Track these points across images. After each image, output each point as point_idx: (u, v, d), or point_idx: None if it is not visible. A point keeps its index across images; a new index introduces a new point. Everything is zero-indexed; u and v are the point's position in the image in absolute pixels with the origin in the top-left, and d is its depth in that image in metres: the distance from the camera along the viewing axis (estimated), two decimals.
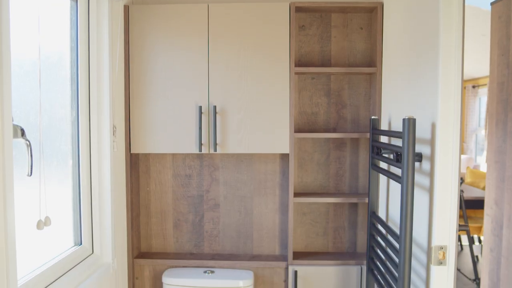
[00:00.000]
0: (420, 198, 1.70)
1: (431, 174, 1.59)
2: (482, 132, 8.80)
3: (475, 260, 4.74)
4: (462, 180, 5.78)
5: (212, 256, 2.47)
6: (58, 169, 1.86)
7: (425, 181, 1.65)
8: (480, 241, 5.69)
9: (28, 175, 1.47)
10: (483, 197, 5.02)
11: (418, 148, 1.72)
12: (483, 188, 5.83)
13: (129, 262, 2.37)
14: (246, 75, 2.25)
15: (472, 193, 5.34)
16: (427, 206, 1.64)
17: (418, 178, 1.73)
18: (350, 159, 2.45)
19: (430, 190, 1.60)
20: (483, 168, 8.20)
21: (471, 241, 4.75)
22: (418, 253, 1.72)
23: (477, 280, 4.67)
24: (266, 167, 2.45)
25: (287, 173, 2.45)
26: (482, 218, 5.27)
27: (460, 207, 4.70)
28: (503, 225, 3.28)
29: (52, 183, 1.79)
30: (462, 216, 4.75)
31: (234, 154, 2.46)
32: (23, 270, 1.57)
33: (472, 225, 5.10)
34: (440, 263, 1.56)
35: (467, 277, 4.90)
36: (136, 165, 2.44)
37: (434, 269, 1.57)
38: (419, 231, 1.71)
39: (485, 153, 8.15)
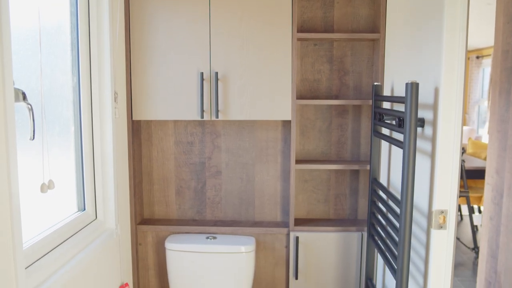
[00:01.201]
0: (421, 163, 1.70)
1: (433, 139, 1.59)
2: (485, 104, 8.76)
3: (474, 230, 4.78)
4: (463, 150, 5.79)
5: (214, 222, 2.49)
6: (60, 135, 1.86)
7: (427, 146, 1.65)
8: (480, 211, 5.74)
9: (30, 139, 1.47)
10: (484, 167, 5.04)
11: (421, 114, 1.71)
12: (484, 159, 5.84)
13: (132, 228, 2.40)
14: (247, 41, 2.23)
15: (473, 163, 5.35)
16: (428, 171, 1.64)
17: (420, 143, 1.73)
18: (352, 126, 2.45)
19: (432, 155, 1.60)
20: (485, 139, 8.20)
21: (470, 209, 4.79)
22: (418, 218, 1.73)
23: (476, 248, 4.72)
24: (268, 134, 2.45)
25: (289, 140, 2.45)
26: (482, 188, 5.30)
27: (461, 177, 4.72)
28: (503, 194, 3.30)
29: (55, 149, 1.80)
30: (462, 185, 4.77)
31: (236, 121, 2.46)
32: (28, 234, 1.59)
33: (472, 195, 5.13)
34: (441, 227, 1.57)
35: (466, 246, 4.96)
36: (138, 132, 2.44)
37: (434, 233, 1.58)
38: (419, 197, 1.72)
39: (487, 124, 8.13)
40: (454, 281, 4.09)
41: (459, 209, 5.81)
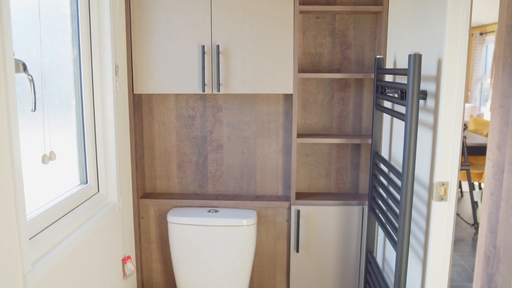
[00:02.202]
0: (423, 136, 1.70)
1: (435, 111, 1.58)
2: (488, 81, 8.71)
3: (474, 206, 4.80)
4: (465, 127, 5.78)
5: (216, 196, 2.50)
6: (62, 107, 1.86)
7: (429, 118, 1.65)
8: (480, 187, 5.76)
9: (32, 110, 1.47)
10: (485, 144, 5.04)
11: (423, 87, 1.71)
12: (486, 135, 5.83)
13: (134, 202, 2.41)
14: (249, 14, 2.21)
15: (474, 139, 5.34)
16: (430, 144, 1.64)
17: (422, 116, 1.72)
18: (354, 100, 2.44)
19: (434, 127, 1.60)
20: (487, 117, 8.18)
21: (471, 185, 4.80)
22: (419, 191, 1.74)
23: (475, 224, 4.75)
24: (269, 108, 2.45)
25: (291, 114, 2.44)
26: (483, 164, 5.30)
27: (462, 153, 4.72)
28: (504, 169, 3.31)
29: (56, 121, 1.80)
30: (464, 161, 4.78)
31: (237, 95, 2.45)
32: (31, 206, 1.60)
33: (473, 171, 5.14)
34: (441, 199, 1.58)
35: (466, 222, 4.99)
36: (139, 106, 2.44)
37: (435, 205, 1.59)
38: (421, 169, 1.72)
39: (489, 102, 8.10)
40: (453, 256, 4.13)
41: (460, 186, 5.83)
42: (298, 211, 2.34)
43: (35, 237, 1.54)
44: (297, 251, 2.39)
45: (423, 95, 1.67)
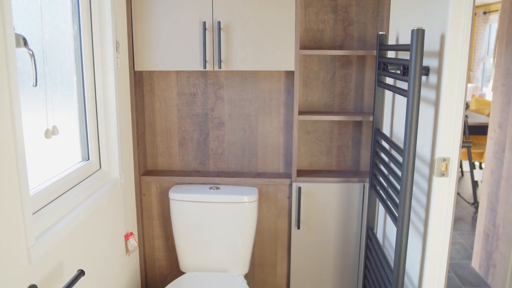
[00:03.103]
0: (425, 112, 1.70)
1: (437, 87, 1.58)
2: (490, 61, 8.66)
3: (474, 185, 4.82)
4: (467, 106, 5.76)
5: (217, 173, 2.51)
6: (63, 84, 1.85)
7: (431, 95, 1.64)
8: (481, 167, 5.76)
9: (33, 85, 1.47)
10: (487, 123, 5.04)
11: (425, 63, 1.70)
12: (488, 115, 5.83)
13: (136, 179, 2.42)
14: None
15: (476, 119, 5.34)
16: (431, 120, 1.64)
17: (424, 92, 1.72)
18: (356, 77, 2.43)
19: (436, 103, 1.59)
20: (489, 97, 8.15)
21: (472, 165, 4.81)
22: (420, 167, 1.74)
23: (475, 203, 4.78)
24: (271, 85, 2.44)
25: (292, 92, 2.44)
26: (484, 144, 5.31)
27: (464, 132, 4.72)
28: (505, 148, 3.31)
29: (57, 98, 1.79)
30: (465, 140, 4.78)
31: (238, 72, 2.44)
32: (34, 181, 1.61)
33: (474, 151, 5.14)
34: (443, 174, 1.59)
35: (466, 201, 5.01)
36: (140, 83, 2.43)
37: (436, 180, 1.60)
38: (422, 145, 1.72)
39: (491, 82, 8.06)
40: (453, 234, 4.16)
41: (460, 165, 5.84)
42: (299, 188, 2.35)
43: (38, 212, 1.56)
44: (298, 227, 2.41)
45: (426, 71, 1.67)
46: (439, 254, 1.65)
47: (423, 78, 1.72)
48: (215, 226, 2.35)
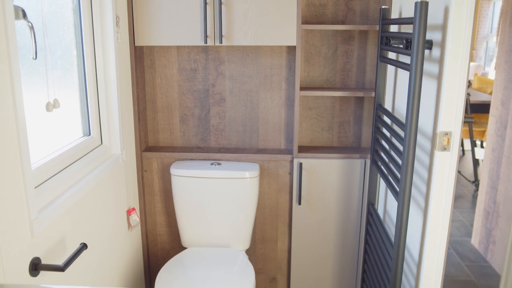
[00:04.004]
0: (427, 86, 1.69)
1: (440, 60, 1.57)
2: (494, 39, 8.58)
3: (475, 163, 4.82)
4: (469, 84, 5.73)
5: (219, 149, 2.51)
6: (63, 58, 1.84)
7: (434, 68, 1.63)
8: (482, 146, 5.76)
9: (33, 58, 1.46)
10: (489, 101, 5.02)
11: (429, 36, 1.68)
12: (490, 93, 5.80)
13: (137, 155, 2.43)
14: None
15: (478, 97, 5.31)
16: (434, 94, 1.63)
17: (426, 66, 1.70)
18: (358, 53, 2.41)
19: (439, 77, 1.58)
20: (492, 76, 8.11)
21: (473, 143, 4.81)
22: (422, 141, 1.74)
23: (476, 181, 4.79)
24: (272, 61, 2.42)
25: (293, 67, 2.42)
26: (486, 122, 5.30)
27: (465, 110, 4.70)
28: (507, 125, 3.31)
29: (57, 72, 1.78)
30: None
31: (239, 48, 2.42)
32: (36, 155, 1.61)
33: (476, 129, 5.13)
34: (444, 149, 1.58)
35: (466, 179, 5.02)
36: (140, 59, 2.41)
37: (438, 154, 1.59)
38: (424, 120, 1.72)
39: (494, 61, 8.01)
40: (453, 212, 4.18)
41: (461, 144, 5.84)
42: (301, 164, 2.35)
43: (40, 186, 1.56)
44: (299, 203, 2.42)
45: (429, 44, 1.65)
46: (440, 227, 1.66)
47: (426, 52, 1.70)
48: (217, 201, 2.36)
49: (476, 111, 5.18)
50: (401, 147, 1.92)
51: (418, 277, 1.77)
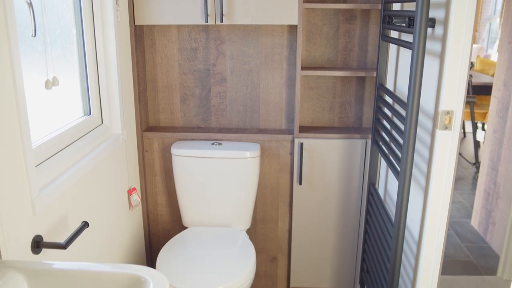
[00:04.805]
0: (429, 65, 1.68)
1: (443, 38, 1.55)
2: (497, 21, 8.50)
3: (476, 145, 4.81)
4: (471, 65, 5.70)
5: (219, 129, 2.51)
6: (62, 37, 1.83)
7: (436, 47, 1.62)
8: (483, 129, 5.75)
9: (32, 35, 1.45)
10: (491, 83, 4.99)
11: (432, 14, 1.66)
12: (492, 75, 5.77)
13: (138, 135, 2.42)
14: None
15: (480, 79, 5.29)
16: (436, 73, 1.62)
17: (429, 45, 1.69)
18: (360, 32, 2.39)
19: (441, 55, 1.57)
20: (494, 58, 8.06)
21: (474, 123, 4.80)
22: (423, 121, 1.73)
23: (477, 163, 4.79)
24: (273, 40, 2.40)
25: (295, 47, 2.40)
26: (487, 104, 5.28)
27: (467, 92, 4.68)
28: (509, 106, 3.29)
29: (57, 51, 1.77)
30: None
31: (240, 27, 2.40)
32: (36, 134, 1.61)
33: (477, 111, 5.12)
34: (446, 128, 1.58)
35: (467, 161, 5.03)
36: (141, 38, 2.40)
37: (439, 133, 1.59)
38: (426, 100, 1.71)
39: (497, 43, 7.95)
40: (453, 193, 4.19)
41: (463, 126, 5.83)
42: (302, 144, 2.35)
43: (41, 165, 1.56)
44: (300, 183, 2.42)
45: (432, 22, 1.63)
46: (440, 205, 1.66)
47: (429, 30, 1.68)
48: (217, 181, 2.36)
49: (478, 93, 5.16)
50: (402, 126, 1.91)
51: (418, 256, 1.78)
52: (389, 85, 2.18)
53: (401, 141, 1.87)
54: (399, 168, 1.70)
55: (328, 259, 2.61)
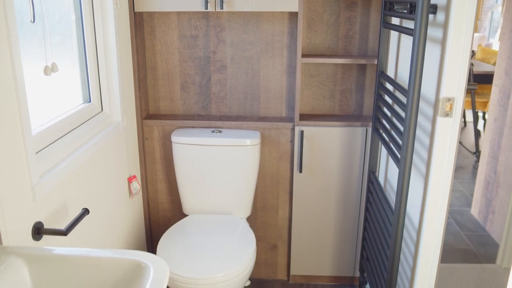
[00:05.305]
0: (431, 52, 1.67)
1: (445, 25, 1.54)
2: (499, 9, 8.45)
3: (477, 134, 4.81)
4: (473, 53, 5.67)
5: (220, 117, 2.50)
6: (61, 23, 1.82)
7: (438, 33, 1.60)
8: (484, 118, 5.74)
9: (31, 21, 1.44)
10: (492, 72, 4.97)
11: (433, 1, 1.65)
12: (494, 64, 5.74)
13: (138, 123, 2.42)
14: None
15: (481, 67, 5.26)
16: (437, 60, 1.61)
17: (430, 31, 1.68)
18: (361, 20, 2.37)
19: (443, 42, 1.56)
20: (496, 47, 8.02)
21: (475, 112, 4.79)
22: (424, 108, 1.73)
23: (477, 152, 4.79)
24: (273, 27, 2.39)
25: (295, 34, 2.39)
26: (489, 93, 5.26)
27: (468, 80, 4.66)
28: (511, 95, 3.28)
29: (56, 37, 1.76)
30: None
31: (241, 14, 2.38)
32: (36, 121, 1.60)
33: (478, 100, 5.10)
34: (447, 114, 1.57)
35: (468, 150, 5.02)
36: (140, 26, 2.38)
37: (440, 120, 1.58)
38: (427, 87, 1.70)
39: (498, 32, 7.91)
40: (453, 182, 4.19)
41: (463, 115, 5.82)
42: (302, 132, 2.35)
43: (41, 152, 1.56)
44: (300, 171, 2.42)
45: (433, 9, 1.62)
46: (441, 192, 1.66)
47: (430, 17, 1.67)
48: (218, 169, 2.36)
49: (479, 81, 5.13)
50: (403, 114, 1.91)
51: (417, 244, 1.79)
52: (390, 72, 2.17)
53: (401, 128, 1.86)
54: (399, 156, 1.70)
55: (328, 247, 2.62)
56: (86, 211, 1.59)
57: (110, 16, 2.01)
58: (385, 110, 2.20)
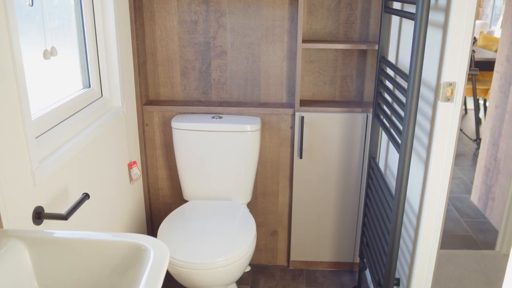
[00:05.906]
0: (432, 37, 1.66)
1: (446, 8, 1.53)
2: None
3: (478, 121, 4.80)
4: (475, 40, 5.64)
5: (220, 103, 2.50)
6: (60, 8, 1.80)
7: (439, 18, 1.59)
8: (485, 105, 5.72)
9: (29, 4, 1.43)
10: (494, 59, 4.94)
11: None
12: (495, 51, 5.71)
13: (138, 109, 2.41)
14: None
15: (483, 54, 5.24)
16: (439, 44, 1.60)
17: (432, 16, 1.67)
18: (362, 5, 2.35)
19: (444, 26, 1.55)
20: (497, 35, 7.97)
21: (476, 98, 4.77)
22: (425, 93, 1.72)
23: (477, 140, 4.78)
24: (274, 12, 2.37)
25: (296, 19, 2.37)
26: (490, 80, 5.24)
27: (470, 66, 4.64)
28: None
29: (55, 22, 1.75)
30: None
31: None
32: (36, 106, 1.60)
33: (479, 87, 5.08)
34: (448, 99, 1.57)
35: (468, 137, 5.02)
36: (140, 11, 2.36)
37: (441, 105, 1.58)
38: (428, 72, 1.69)
39: (500, 19, 7.86)
40: (453, 169, 4.19)
41: (464, 103, 5.80)
42: (302, 118, 2.34)
43: (41, 136, 1.56)
44: (301, 157, 2.42)
45: None
46: (441, 177, 1.66)
47: (432, 1, 1.66)
48: (218, 155, 2.36)
49: (481, 68, 5.11)
50: (404, 99, 1.90)
51: (417, 229, 1.79)
52: (391, 57, 2.16)
53: (402, 113, 1.86)
54: (400, 141, 1.70)
55: (328, 233, 2.63)
56: (86, 196, 1.59)
57: (109, 1, 2.00)
58: (386, 95, 2.19)
